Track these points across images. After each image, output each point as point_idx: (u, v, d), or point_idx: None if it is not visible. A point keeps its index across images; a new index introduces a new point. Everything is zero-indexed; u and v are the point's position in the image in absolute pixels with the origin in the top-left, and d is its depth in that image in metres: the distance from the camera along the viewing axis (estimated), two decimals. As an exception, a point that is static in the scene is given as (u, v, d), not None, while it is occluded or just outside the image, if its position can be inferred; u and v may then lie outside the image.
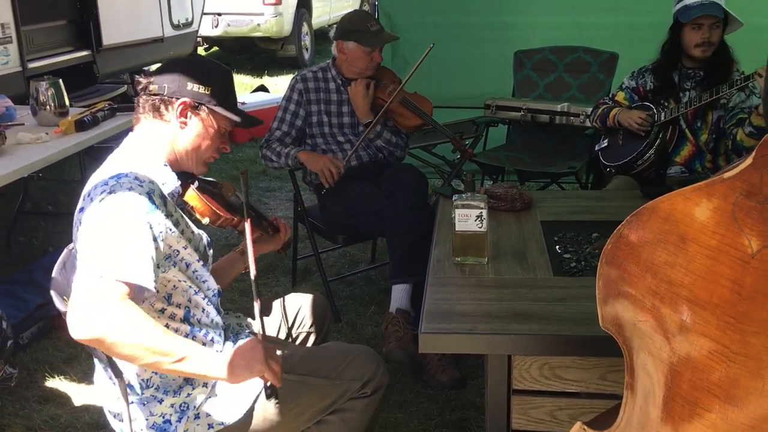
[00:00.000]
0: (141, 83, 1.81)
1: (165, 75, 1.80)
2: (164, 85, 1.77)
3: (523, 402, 1.84)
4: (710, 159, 3.05)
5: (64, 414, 2.66)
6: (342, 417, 1.86)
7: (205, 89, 1.79)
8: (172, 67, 1.83)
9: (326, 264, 3.63)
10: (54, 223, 4.47)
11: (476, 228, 2.07)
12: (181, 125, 1.79)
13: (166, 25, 5.86)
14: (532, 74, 4.21)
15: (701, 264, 0.88)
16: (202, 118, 1.80)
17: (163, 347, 1.48)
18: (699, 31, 2.91)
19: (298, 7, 9.56)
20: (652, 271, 0.94)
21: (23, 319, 3.09)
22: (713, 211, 0.87)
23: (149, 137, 1.80)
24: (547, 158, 4.00)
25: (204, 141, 1.82)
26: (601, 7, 4.50)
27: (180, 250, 1.72)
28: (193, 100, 1.78)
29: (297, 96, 3.21)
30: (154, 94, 1.78)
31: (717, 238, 0.86)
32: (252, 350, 1.60)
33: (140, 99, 1.81)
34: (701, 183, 0.88)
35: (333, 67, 3.25)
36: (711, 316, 0.88)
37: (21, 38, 4.23)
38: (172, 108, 1.77)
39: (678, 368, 0.93)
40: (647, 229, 0.95)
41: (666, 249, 0.92)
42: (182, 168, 1.83)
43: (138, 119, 1.82)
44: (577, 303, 1.84)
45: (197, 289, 1.77)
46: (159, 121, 1.79)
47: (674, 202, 0.91)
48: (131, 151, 1.78)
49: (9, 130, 3.15)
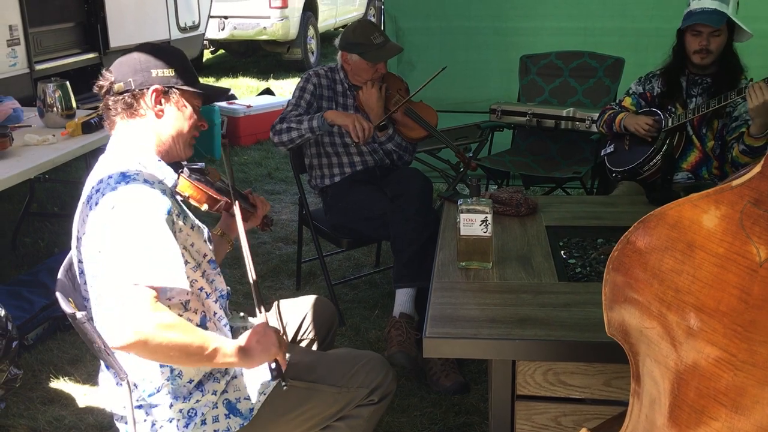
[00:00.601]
0: (102, 86, 1.77)
1: (125, 69, 1.75)
2: (128, 79, 1.73)
3: (527, 408, 1.83)
4: (717, 165, 3.04)
5: (68, 415, 2.66)
6: (348, 423, 1.86)
7: (170, 71, 1.76)
8: (129, 58, 1.77)
9: (330, 267, 3.64)
10: (60, 225, 4.48)
11: (481, 233, 2.06)
12: (157, 114, 1.76)
13: (173, 27, 5.87)
14: (538, 79, 4.21)
15: (708, 272, 0.88)
16: (176, 101, 1.78)
17: (197, 346, 1.53)
18: (698, 38, 2.90)
19: (304, 10, 9.58)
20: (659, 278, 0.94)
21: (28, 320, 3.10)
22: (721, 218, 0.86)
23: (132, 136, 1.77)
24: (552, 163, 4.00)
25: (183, 123, 1.81)
26: (607, 13, 4.50)
27: (188, 248, 1.72)
28: (163, 86, 1.76)
29: (312, 87, 3.19)
30: (122, 92, 1.74)
31: (725, 246, 0.86)
32: (266, 335, 1.65)
33: (108, 101, 1.76)
34: (709, 190, 0.88)
35: (341, 71, 3.26)
36: (718, 324, 0.87)
37: (29, 40, 4.25)
38: (144, 100, 1.75)
39: (685, 376, 0.92)
40: (654, 235, 0.95)
41: (673, 256, 0.92)
42: (171, 157, 1.82)
43: (113, 123, 1.78)
44: (582, 308, 1.84)
45: (209, 292, 1.77)
46: (136, 118, 1.76)
47: (682, 209, 0.91)
48: (122, 153, 1.75)
49: (16, 131, 3.17)
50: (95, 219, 1.61)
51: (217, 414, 1.73)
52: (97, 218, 1.61)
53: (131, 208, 1.57)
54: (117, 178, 1.63)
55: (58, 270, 1.83)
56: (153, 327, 1.45)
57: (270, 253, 4.05)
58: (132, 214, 1.56)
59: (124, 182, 1.62)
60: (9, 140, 2.96)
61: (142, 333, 1.44)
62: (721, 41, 2.89)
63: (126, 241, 1.53)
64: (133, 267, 1.50)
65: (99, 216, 1.60)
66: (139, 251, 1.52)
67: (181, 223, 1.69)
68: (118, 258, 1.52)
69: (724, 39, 2.89)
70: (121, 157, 1.73)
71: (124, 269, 1.50)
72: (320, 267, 3.38)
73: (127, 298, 1.47)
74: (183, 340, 1.50)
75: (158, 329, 1.46)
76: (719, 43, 2.89)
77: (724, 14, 2.83)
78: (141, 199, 1.59)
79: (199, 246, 1.76)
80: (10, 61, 4.13)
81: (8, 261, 3.96)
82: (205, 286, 1.76)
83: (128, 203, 1.58)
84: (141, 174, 1.66)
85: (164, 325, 1.47)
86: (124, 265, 1.51)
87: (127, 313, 1.45)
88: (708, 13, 2.84)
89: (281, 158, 5.68)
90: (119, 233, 1.55)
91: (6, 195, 4.13)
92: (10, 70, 4.13)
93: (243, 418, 1.75)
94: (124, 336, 1.44)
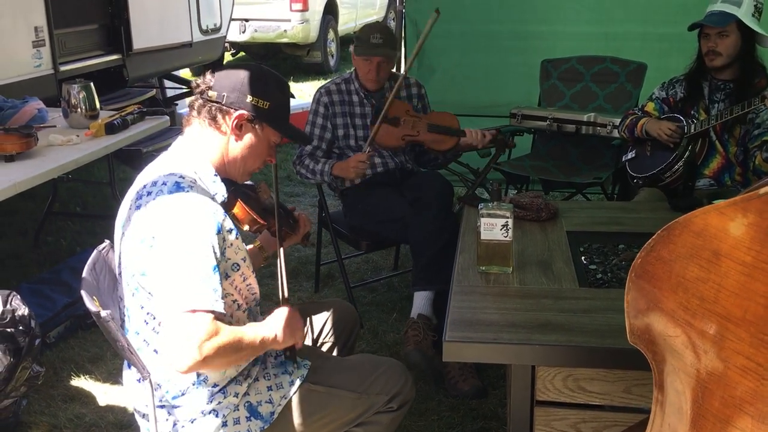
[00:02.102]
0: (199, 85, 1.79)
1: (225, 82, 1.77)
2: (224, 93, 1.75)
3: (547, 413, 1.83)
4: (740, 172, 3.01)
5: (88, 413, 2.69)
6: (367, 430, 1.86)
7: (264, 104, 1.77)
8: (234, 75, 1.79)
9: (349, 270, 3.64)
10: (82, 224, 4.53)
11: (501, 237, 2.06)
12: (235, 137, 1.78)
13: (195, 30, 5.91)
14: (559, 84, 4.20)
15: (735, 280, 0.87)
16: (257, 131, 1.80)
17: (252, 347, 1.65)
18: (707, 40, 2.89)
19: (325, 13, 9.61)
20: (683, 287, 0.93)
21: (50, 318, 3.13)
22: (748, 226, 0.86)
23: (203, 145, 1.79)
24: (572, 168, 3.98)
25: (255, 153, 1.82)
26: (629, 18, 4.47)
27: (239, 263, 1.75)
28: (250, 115, 1.77)
29: (323, 109, 3.22)
30: (213, 101, 1.76)
31: (752, 254, 0.85)
32: (293, 318, 1.78)
33: (196, 102, 1.79)
34: (736, 198, 0.87)
35: (356, 80, 3.27)
36: (745, 333, 0.87)
37: (54, 41, 4.29)
38: (228, 118, 1.76)
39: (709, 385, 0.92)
40: (679, 243, 0.94)
41: (698, 264, 0.91)
42: (228, 175, 1.84)
43: (190, 121, 1.81)
44: (603, 315, 1.83)
45: (241, 303, 1.79)
46: (214, 129, 1.77)
47: (708, 216, 0.90)
48: (184, 156, 1.77)
49: (41, 131, 3.21)
50: (141, 223, 1.63)
51: (238, 416, 1.75)
52: (143, 223, 1.63)
53: (180, 227, 1.59)
54: (171, 188, 1.64)
55: (80, 269, 1.85)
56: (213, 351, 1.54)
57: (289, 255, 4.06)
58: (182, 233, 1.59)
59: (176, 191, 1.64)
60: (34, 140, 3.00)
61: (201, 358, 1.52)
62: (730, 43, 2.86)
63: (176, 264, 1.57)
64: (184, 293, 1.55)
65: (146, 222, 1.62)
66: (188, 276, 1.56)
67: (231, 238, 1.71)
68: (170, 281, 1.56)
69: (734, 40, 2.86)
70: (182, 159, 1.75)
71: (177, 295, 1.55)
72: (339, 269, 3.39)
73: (186, 327, 1.53)
74: (238, 351, 1.61)
75: (219, 351, 1.55)
76: (728, 45, 2.86)
77: (730, 15, 2.81)
78: (192, 216, 1.61)
79: (248, 260, 1.81)
80: (35, 62, 4.17)
81: (31, 259, 4.00)
82: (239, 298, 1.79)
83: (178, 220, 1.60)
84: (196, 187, 1.68)
85: (223, 344, 1.56)
86: (176, 290, 1.55)
87: (188, 342, 1.52)
88: (714, 14, 2.83)
89: (300, 160, 5.71)
90: (169, 253, 1.58)
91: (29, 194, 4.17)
92: (35, 71, 4.18)
93: (264, 422, 1.76)
94: (188, 363, 1.52)
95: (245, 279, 1.79)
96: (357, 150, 3.23)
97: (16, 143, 2.93)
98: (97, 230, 4.36)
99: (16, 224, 4.51)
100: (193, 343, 1.51)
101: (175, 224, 1.59)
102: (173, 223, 1.59)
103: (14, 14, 4.05)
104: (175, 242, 1.58)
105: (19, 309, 2.45)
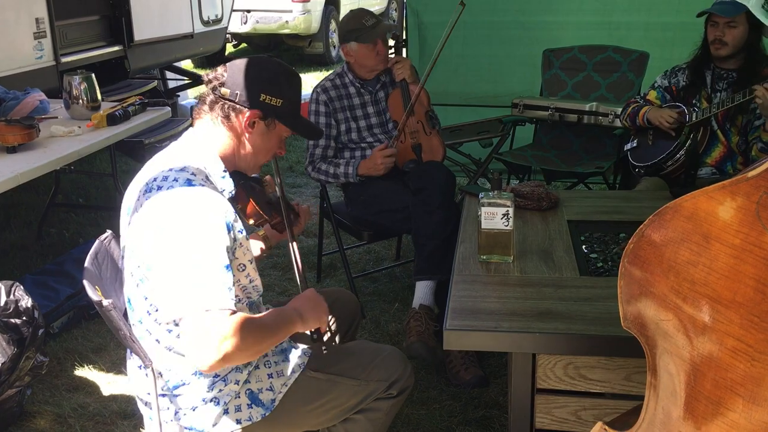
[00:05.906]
0: (212, 80, 1.78)
1: (238, 78, 1.76)
2: (236, 91, 1.75)
3: (547, 401, 1.84)
4: (741, 161, 3.01)
5: (92, 402, 2.71)
6: (368, 416, 1.88)
7: (276, 101, 1.77)
8: (247, 71, 1.77)
9: (351, 260, 3.65)
10: (84, 215, 4.55)
11: (502, 226, 2.07)
12: (247, 134, 1.79)
13: (196, 21, 5.91)
14: (561, 73, 4.19)
15: (725, 263, 0.88)
16: (269, 128, 1.81)
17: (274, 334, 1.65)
18: (714, 28, 2.87)
19: (326, 4, 9.60)
20: (674, 270, 0.94)
21: (54, 309, 3.15)
22: (737, 209, 0.86)
23: (214, 140, 1.78)
24: (574, 158, 3.98)
25: (266, 147, 1.84)
26: (632, 7, 4.46)
27: (246, 264, 1.76)
28: (263, 113, 1.78)
29: (324, 108, 3.21)
30: (226, 99, 1.75)
31: (741, 237, 0.86)
32: (317, 301, 1.80)
33: (208, 96, 1.78)
34: (725, 182, 0.88)
35: (349, 72, 3.26)
36: (735, 315, 0.87)
37: (55, 33, 4.30)
38: (242, 117, 1.76)
39: (701, 368, 0.93)
40: (670, 228, 0.95)
41: (689, 248, 0.92)
42: (237, 168, 1.84)
43: (201, 115, 1.80)
44: (604, 303, 1.84)
45: (242, 298, 1.80)
46: (226, 126, 1.77)
47: (697, 201, 0.90)
48: (194, 152, 1.76)
49: (42, 123, 3.22)
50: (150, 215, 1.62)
51: (239, 403, 1.76)
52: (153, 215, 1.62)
53: (196, 222, 1.59)
54: (183, 182, 1.64)
55: (83, 260, 1.86)
56: (235, 347, 1.52)
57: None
58: (196, 231, 1.58)
59: (187, 187, 1.63)
60: (36, 131, 3.01)
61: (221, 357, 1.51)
62: (738, 33, 2.85)
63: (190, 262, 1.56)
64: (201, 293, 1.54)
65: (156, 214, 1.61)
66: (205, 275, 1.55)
67: (241, 238, 1.72)
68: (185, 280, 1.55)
69: (742, 31, 2.85)
70: (192, 153, 1.75)
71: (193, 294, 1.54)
72: (341, 260, 3.40)
73: (206, 326, 1.52)
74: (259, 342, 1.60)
75: (235, 348, 1.53)
76: (735, 35, 2.85)
77: (741, 5, 2.79)
78: (202, 213, 1.61)
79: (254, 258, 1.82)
80: (36, 53, 4.18)
81: (34, 251, 4.02)
82: (242, 295, 1.80)
83: (188, 218, 1.59)
84: (207, 184, 1.68)
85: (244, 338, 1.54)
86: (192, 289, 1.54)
87: (209, 341, 1.51)
88: (724, 3, 2.81)
89: (302, 151, 5.70)
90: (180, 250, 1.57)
91: (32, 185, 4.19)
92: (36, 63, 4.18)
93: (265, 409, 1.78)
94: (211, 361, 1.51)
95: (252, 281, 1.81)
96: (358, 142, 3.23)
97: (18, 135, 2.94)
98: (100, 221, 4.37)
99: (20, 216, 4.53)
100: (212, 344, 1.50)
101: (189, 222, 1.59)
102: (187, 219, 1.59)
103: (16, 6, 4.05)
104: (189, 240, 1.57)
105: (22, 300, 2.46)
